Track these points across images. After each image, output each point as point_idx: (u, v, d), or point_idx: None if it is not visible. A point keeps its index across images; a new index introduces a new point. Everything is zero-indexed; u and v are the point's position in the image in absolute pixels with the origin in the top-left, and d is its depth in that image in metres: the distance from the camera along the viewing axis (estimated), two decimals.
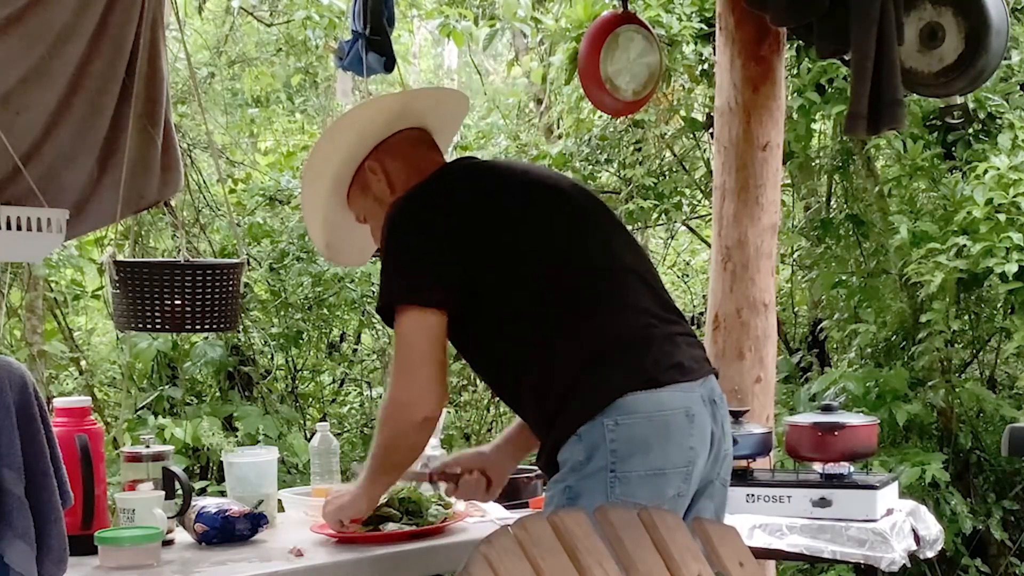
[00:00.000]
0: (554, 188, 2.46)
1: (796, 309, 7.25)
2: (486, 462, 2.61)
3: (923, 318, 5.73)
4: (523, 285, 2.31)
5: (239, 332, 6.48)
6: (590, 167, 6.93)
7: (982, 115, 5.61)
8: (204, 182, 7.17)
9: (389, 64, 3.48)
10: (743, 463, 3.35)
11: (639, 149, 6.99)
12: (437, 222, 2.33)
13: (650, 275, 2.45)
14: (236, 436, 6.50)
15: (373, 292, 6.94)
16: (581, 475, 2.21)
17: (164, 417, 6.39)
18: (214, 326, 2.83)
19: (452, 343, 2.41)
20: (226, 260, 2.89)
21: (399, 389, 2.32)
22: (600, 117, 6.74)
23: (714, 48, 4.42)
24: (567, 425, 2.24)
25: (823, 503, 3.21)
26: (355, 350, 8.12)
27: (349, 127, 2.50)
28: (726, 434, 2.37)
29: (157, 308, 2.75)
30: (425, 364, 2.29)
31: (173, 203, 6.28)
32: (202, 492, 5.52)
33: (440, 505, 2.71)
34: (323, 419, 6.97)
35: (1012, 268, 5.10)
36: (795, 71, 5.82)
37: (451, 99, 2.69)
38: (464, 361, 2.65)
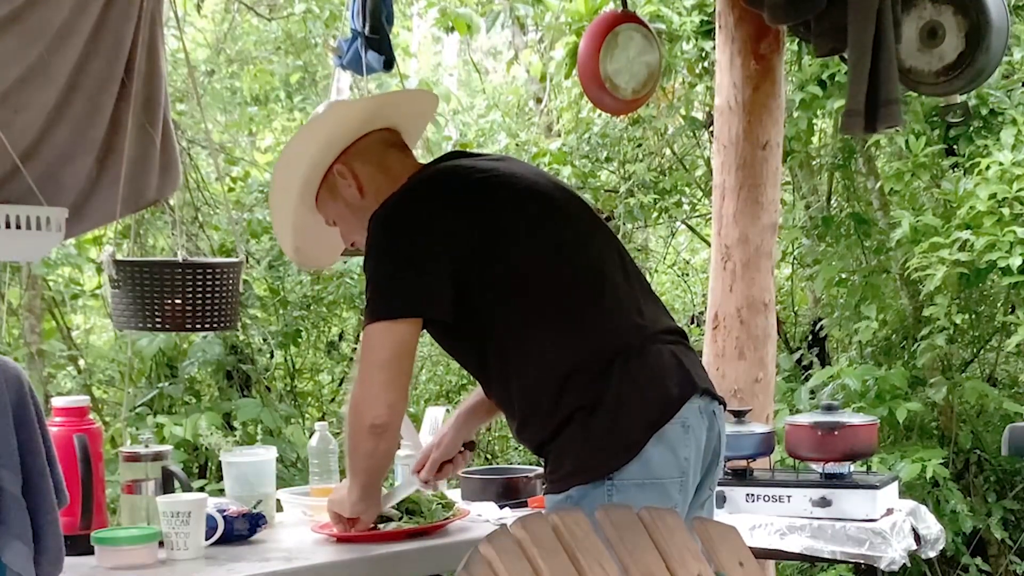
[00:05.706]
0: (537, 190, 2.40)
1: (796, 308, 7.23)
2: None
3: (925, 312, 5.72)
4: (510, 289, 2.28)
5: (238, 330, 6.46)
6: (590, 164, 6.92)
7: (984, 111, 5.60)
8: (203, 180, 7.14)
9: (388, 63, 3.47)
10: (743, 463, 3.35)
11: (639, 146, 6.98)
12: (413, 234, 2.29)
13: (644, 280, 2.45)
14: (235, 435, 6.48)
15: None
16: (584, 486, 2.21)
17: (163, 415, 6.37)
18: (214, 325, 2.83)
19: (445, 350, 2.42)
20: (226, 259, 2.88)
21: (353, 393, 2.32)
22: (600, 115, 6.72)
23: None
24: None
25: (823, 503, 3.21)
26: (354, 349, 8.10)
27: (317, 131, 2.46)
28: (723, 444, 2.37)
29: (156, 307, 2.74)
30: (379, 371, 2.26)
31: (172, 202, 6.26)
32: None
33: (441, 505, 2.70)
34: (322, 418, 6.96)
35: (1016, 262, 5.09)
36: (796, 66, 5.81)
37: (419, 99, 2.66)
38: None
